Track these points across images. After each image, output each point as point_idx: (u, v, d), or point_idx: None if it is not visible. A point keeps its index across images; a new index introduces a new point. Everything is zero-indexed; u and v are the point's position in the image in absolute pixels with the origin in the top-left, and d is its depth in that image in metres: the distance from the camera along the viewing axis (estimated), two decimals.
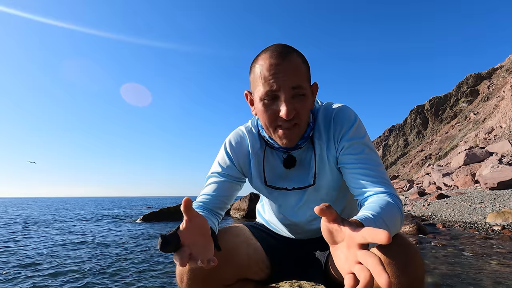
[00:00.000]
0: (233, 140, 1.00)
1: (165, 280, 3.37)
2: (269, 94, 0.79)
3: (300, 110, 0.81)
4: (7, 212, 19.95)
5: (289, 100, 0.79)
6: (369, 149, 0.88)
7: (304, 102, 0.81)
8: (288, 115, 0.78)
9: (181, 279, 0.80)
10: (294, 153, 0.94)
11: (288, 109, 0.78)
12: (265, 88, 0.79)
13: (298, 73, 0.79)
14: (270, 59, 0.79)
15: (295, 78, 0.79)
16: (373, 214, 0.67)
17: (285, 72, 0.78)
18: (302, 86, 0.80)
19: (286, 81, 0.78)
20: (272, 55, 0.79)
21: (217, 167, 0.98)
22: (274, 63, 0.78)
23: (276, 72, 0.78)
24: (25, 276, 3.70)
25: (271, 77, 0.78)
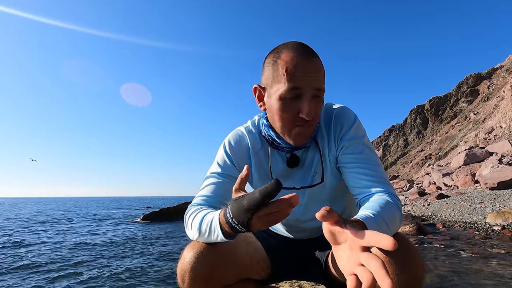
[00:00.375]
0: (233, 140, 0.99)
1: (166, 280, 3.37)
2: (292, 92, 0.78)
3: (318, 112, 0.82)
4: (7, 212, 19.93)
5: (311, 101, 0.79)
6: (369, 149, 0.89)
7: (320, 105, 0.83)
8: (310, 115, 0.78)
9: (183, 278, 0.79)
10: (297, 153, 0.95)
11: (310, 110, 0.78)
12: (290, 85, 0.77)
13: (321, 76, 0.80)
14: (298, 57, 0.78)
15: (319, 80, 0.79)
16: (373, 213, 0.68)
17: (312, 73, 0.78)
18: (322, 89, 0.81)
19: (312, 81, 0.78)
20: (299, 53, 0.78)
21: (216, 168, 0.96)
22: (302, 61, 0.77)
23: (304, 71, 0.77)
24: (25, 276, 3.70)
25: (299, 75, 0.77)
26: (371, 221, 0.65)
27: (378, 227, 0.65)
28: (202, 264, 0.78)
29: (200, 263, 0.78)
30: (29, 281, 3.47)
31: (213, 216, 0.74)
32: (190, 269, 0.78)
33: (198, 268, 0.78)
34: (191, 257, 0.79)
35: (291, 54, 0.78)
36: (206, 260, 0.79)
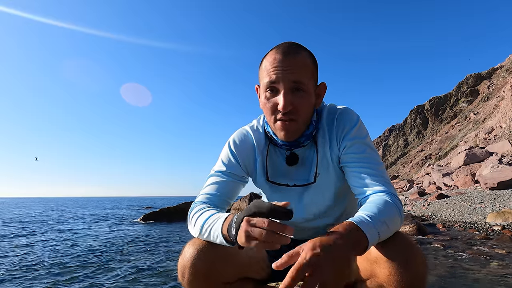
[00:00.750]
0: (237, 138, 1.00)
1: (166, 278, 3.37)
2: (269, 86, 0.84)
3: (298, 105, 0.83)
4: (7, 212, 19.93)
5: (287, 94, 0.82)
6: (370, 149, 0.90)
7: (303, 98, 0.84)
8: (285, 107, 0.81)
9: (183, 274, 0.80)
10: (297, 151, 0.95)
11: (285, 101, 0.81)
12: (266, 80, 0.83)
13: (300, 69, 0.83)
14: (275, 54, 0.84)
15: (297, 73, 0.82)
16: (370, 215, 0.69)
17: (286, 67, 0.81)
18: (302, 82, 0.83)
19: (286, 75, 0.81)
20: (278, 50, 0.84)
21: (221, 166, 0.97)
22: (277, 57, 0.83)
23: (278, 65, 0.82)
24: (25, 277, 3.70)
25: (273, 69, 0.82)
26: (365, 220, 0.66)
27: (375, 229, 0.66)
28: (202, 260, 0.79)
29: (200, 260, 0.79)
30: (28, 281, 3.47)
31: (216, 218, 0.77)
32: (190, 265, 0.79)
33: (198, 264, 0.79)
34: (192, 253, 0.80)
35: (272, 52, 0.85)
36: (206, 257, 0.79)
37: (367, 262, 0.76)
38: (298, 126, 0.87)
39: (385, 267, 0.70)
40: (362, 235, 0.64)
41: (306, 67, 0.84)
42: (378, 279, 0.73)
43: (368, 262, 0.75)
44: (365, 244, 0.64)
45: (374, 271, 0.73)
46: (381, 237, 0.68)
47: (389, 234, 0.71)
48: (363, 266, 0.78)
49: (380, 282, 0.72)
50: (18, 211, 21.57)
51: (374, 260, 0.73)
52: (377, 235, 0.66)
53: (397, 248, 0.70)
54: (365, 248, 0.64)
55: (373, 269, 0.74)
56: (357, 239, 0.63)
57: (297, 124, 0.86)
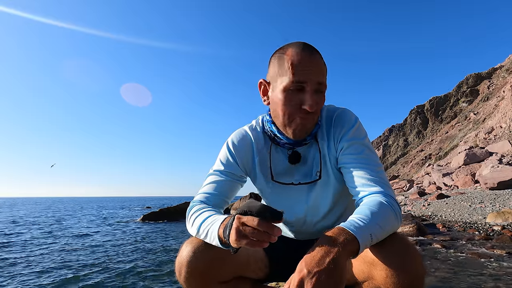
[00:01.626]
0: (236, 139, 1.00)
1: (165, 277, 3.37)
2: (296, 84, 0.82)
3: (319, 106, 0.86)
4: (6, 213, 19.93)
5: (314, 94, 0.83)
6: (369, 150, 0.89)
7: (322, 100, 0.87)
8: (312, 107, 0.82)
9: (180, 272, 0.81)
10: (299, 150, 0.96)
11: (313, 102, 0.82)
12: (294, 78, 0.82)
13: (322, 71, 0.85)
14: (302, 52, 0.83)
15: (321, 75, 0.84)
16: (361, 218, 0.69)
17: (314, 67, 0.83)
18: (324, 84, 0.86)
19: (314, 75, 0.83)
20: (304, 49, 0.84)
21: (219, 166, 0.98)
22: (306, 56, 0.83)
23: (307, 65, 0.82)
24: (23, 276, 3.70)
25: (302, 68, 0.82)
26: (358, 227, 0.66)
27: (367, 231, 0.66)
28: (199, 259, 0.80)
29: (197, 258, 0.80)
30: (28, 281, 3.47)
31: (214, 220, 0.78)
32: (187, 263, 0.80)
33: (194, 262, 0.80)
34: (189, 252, 0.81)
35: (296, 50, 0.84)
36: (203, 256, 0.80)
37: (364, 264, 0.75)
38: (313, 124, 0.90)
39: (382, 269, 0.69)
40: (352, 238, 0.63)
41: (324, 68, 0.87)
42: (375, 281, 0.72)
43: (365, 264, 0.75)
44: (355, 247, 0.64)
45: (371, 273, 0.73)
46: (373, 239, 0.67)
47: (384, 235, 0.71)
48: (359, 268, 0.78)
49: (377, 284, 0.72)
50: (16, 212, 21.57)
51: (371, 262, 0.72)
52: (369, 237, 0.66)
53: (394, 250, 0.70)
54: (356, 251, 0.64)
55: (370, 271, 0.73)
56: (347, 243, 0.62)
57: (313, 122, 0.89)
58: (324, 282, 0.57)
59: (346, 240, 0.63)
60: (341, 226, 0.66)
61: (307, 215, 1.00)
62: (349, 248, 0.62)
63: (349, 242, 0.63)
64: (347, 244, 0.62)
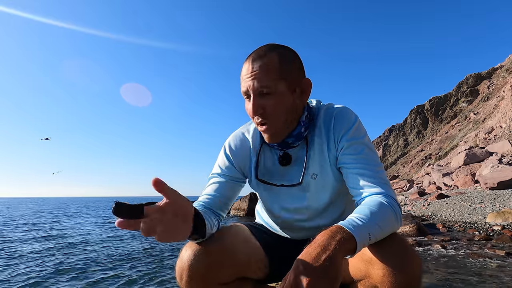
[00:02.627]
0: (232, 142, 1.02)
1: (165, 279, 3.37)
2: (244, 95, 0.88)
3: (268, 108, 0.85)
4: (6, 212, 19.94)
5: (255, 99, 0.85)
6: (369, 149, 0.89)
7: (272, 101, 0.85)
8: (253, 112, 0.85)
9: (181, 276, 0.81)
10: (290, 151, 0.96)
11: (252, 107, 0.85)
12: (242, 89, 0.88)
13: (265, 74, 0.84)
14: (245, 62, 0.87)
15: (260, 78, 0.84)
16: (360, 218, 0.69)
17: (253, 75, 0.84)
18: (268, 86, 0.84)
19: (252, 82, 0.84)
20: (247, 59, 0.87)
21: (217, 169, 1.01)
22: (246, 66, 0.86)
23: (245, 74, 0.86)
24: (23, 277, 3.70)
25: (243, 79, 0.86)
26: (356, 226, 0.66)
27: (365, 230, 0.66)
28: (199, 262, 0.79)
29: (198, 262, 0.79)
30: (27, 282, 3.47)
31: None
32: (188, 267, 0.80)
33: (195, 266, 0.79)
34: (189, 256, 0.80)
35: (245, 61, 0.88)
36: (203, 259, 0.80)
37: (362, 263, 0.75)
38: (274, 129, 0.88)
39: (379, 268, 0.69)
40: (349, 236, 0.63)
41: (271, 70, 0.84)
42: (372, 280, 0.72)
43: (362, 262, 0.75)
44: (353, 245, 0.63)
45: (368, 272, 0.73)
46: (372, 239, 0.67)
47: (383, 235, 0.71)
48: (357, 267, 0.78)
49: (374, 283, 0.72)
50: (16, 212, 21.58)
51: (369, 261, 0.72)
52: (367, 236, 0.66)
53: (392, 249, 0.70)
54: (354, 249, 0.64)
55: (367, 270, 0.73)
56: (344, 241, 0.62)
57: (271, 126, 0.88)
58: (319, 279, 0.57)
59: (343, 238, 0.63)
60: (339, 224, 0.67)
61: (303, 214, 1.00)
62: (346, 247, 0.62)
63: (346, 240, 0.63)
64: (344, 242, 0.62)
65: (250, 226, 1.09)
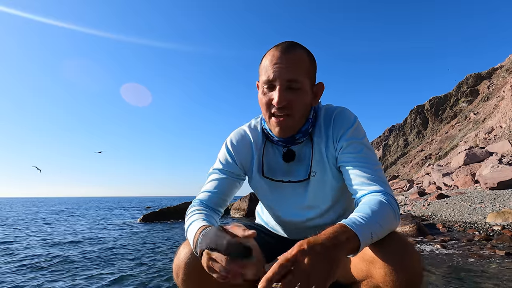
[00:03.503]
0: (234, 138, 1.03)
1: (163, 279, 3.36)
2: (266, 83, 0.87)
3: (293, 102, 0.86)
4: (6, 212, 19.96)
5: (282, 90, 0.85)
6: (367, 149, 0.90)
7: (298, 95, 0.86)
8: (279, 102, 0.85)
9: (177, 274, 0.82)
10: (294, 148, 0.96)
11: (279, 97, 0.85)
12: (264, 77, 0.87)
13: (297, 67, 0.85)
14: (274, 52, 0.87)
15: (293, 71, 0.85)
16: (362, 216, 0.69)
17: (283, 64, 0.85)
18: (298, 80, 0.85)
19: (282, 72, 0.84)
20: (277, 48, 0.87)
21: (218, 165, 1.01)
22: (276, 55, 0.86)
23: (275, 63, 0.85)
24: (23, 277, 3.70)
25: (271, 67, 0.86)
26: (358, 225, 0.66)
27: (367, 229, 0.66)
28: (196, 260, 0.79)
29: (194, 260, 0.79)
30: (26, 281, 3.47)
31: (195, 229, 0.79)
32: (184, 265, 0.80)
33: (192, 264, 0.80)
34: (186, 254, 0.81)
35: (271, 50, 0.88)
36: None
37: (363, 263, 0.75)
38: (293, 122, 0.89)
39: (381, 267, 0.70)
40: (352, 235, 0.64)
41: (302, 65, 0.86)
42: (374, 279, 0.72)
43: (364, 262, 0.75)
44: (356, 244, 0.64)
45: (370, 271, 0.73)
46: (374, 238, 0.68)
47: (384, 234, 0.71)
48: (358, 267, 0.78)
49: (376, 282, 0.72)
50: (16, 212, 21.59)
51: (370, 260, 0.73)
52: (370, 235, 0.66)
53: (393, 248, 0.70)
54: (357, 248, 0.64)
55: (369, 270, 0.74)
56: (347, 240, 0.63)
57: (291, 120, 0.88)
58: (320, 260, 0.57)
59: (347, 238, 0.63)
60: (342, 223, 0.67)
61: (304, 213, 1.00)
62: (349, 246, 0.63)
63: (349, 240, 0.63)
64: (348, 242, 0.63)
65: (249, 226, 1.09)
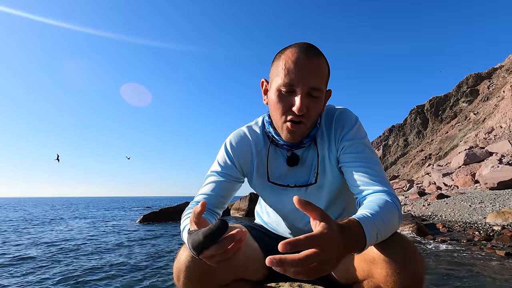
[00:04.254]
0: (234, 140, 1.00)
1: (163, 280, 3.36)
2: (287, 86, 0.81)
3: (311, 110, 0.83)
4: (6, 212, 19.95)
5: (304, 97, 0.81)
6: (369, 150, 0.90)
7: (316, 104, 0.84)
8: (301, 110, 0.80)
9: (178, 277, 0.81)
10: (298, 152, 0.95)
11: (301, 104, 0.80)
12: (286, 79, 0.81)
13: (319, 75, 0.82)
14: (298, 53, 0.81)
15: (316, 79, 0.81)
16: (371, 213, 0.68)
17: (308, 70, 0.80)
18: (319, 89, 0.82)
19: (307, 79, 0.80)
20: (302, 50, 0.82)
21: (216, 167, 0.99)
22: (301, 58, 0.80)
23: (300, 67, 0.80)
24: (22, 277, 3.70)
25: (295, 70, 0.80)
26: (367, 220, 0.64)
27: (375, 226, 0.65)
28: (197, 263, 0.79)
29: (195, 263, 0.79)
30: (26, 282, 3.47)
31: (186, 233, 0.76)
32: (185, 268, 0.79)
33: (192, 267, 0.79)
34: (186, 257, 0.80)
35: (294, 50, 0.82)
36: (201, 260, 0.78)
37: (365, 263, 0.75)
38: (306, 129, 0.87)
39: (382, 267, 0.69)
40: (361, 233, 0.62)
41: (323, 73, 0.83)
42: (375, 279, 0.72)
43: (365, 262, 0.75)
44: (362, 244, 0.63)
45: (372, 271, 0.73)
46: (379, 238, 0.67)
47: (388, 234, 0.70)
48: (360, 267, 0.77)
49: (377, 283, 0.71)
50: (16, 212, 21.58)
51: (372, 260, 0.72)
52: (376, 235, 0.65)
53: (395, 248, 0.70)
54: (362, 248, 0.63)
55: (370, 270, 0.73)
56: (357, 238, 0.61)
57: (305, 127, 0.86)
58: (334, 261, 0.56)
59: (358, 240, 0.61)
60: (357, 221, 0.64)
61: (305, 216, 1.00)
62: (357, 244, 0.61)
63: (359, 241, 0.62)
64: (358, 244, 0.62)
65: (249, 227, 1.08)
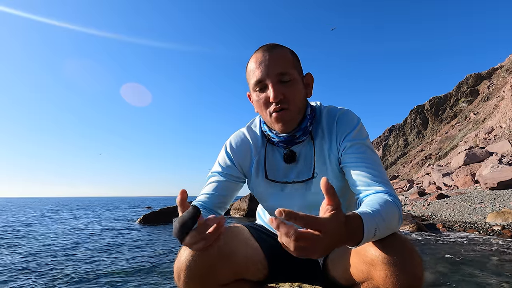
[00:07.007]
0: (234, 141, 1.03)
1: (164, 279, 3.37)
2: (258, 84, 0.88)
3: (288, 95, 0.87)
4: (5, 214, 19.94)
5: (275, 85, 0.86)
6: (371, 150, 0.90)
7: (292, 87, 0.88)
8: (276, 97, 0.85)
9: (178, 276, 0.81)
10: (295, 148, 0.96)
11: (274, 92, 0.85)
12: (254, 79, 0.88)
13: (283, 62, 0.87)
14: (258, 53, 0.90)
15: (279, 65, 0.87)
16: (372, 210, 0.68)
17: (270, 61, 0.87)
18: (288, 73, 0.87)
19: (271, 69, 0.86)
20: (258, 50, 0.90)
21: (217, 167, 1.01)
22: (261, 55, 0.88)
23: (262, 62, 0.87)
24: (22, 277, 3.70)
25: (258, 68, 0.87)
26: (368, 215, 0.65)
27: (374, 222, 0.65)
28: (197, 263, 0.79)
29: (196, 262, 0.79)
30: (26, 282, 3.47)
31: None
32: (186, 267, 0.80)
33: (193, 267, 0.79)
34: (187, 256, 0.80)
35: (254, 53, 0.91)
36: (201, 260, 0.79)
37: (363, 265, 0.75)
38: (292, 114, 0.89)
39: (381, 269, 0.69)
40: (360, 227, 0.63)
41: (286, 59, 0.88)
42: (374, 281, 0.72)
43: (364, 264, 0.75)
44: (359, 238, 0.63)
45: (370, 273, 0.73)
46: (377, 234, 0.67)
47: (387, 232, 0.71)
48: (359, 269, 0.77)
49: (376, 284, 0.71)
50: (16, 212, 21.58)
51: (370, 262, 0.72)
52: (374, 231, 0.65)
53: (394, 250, 0.70)
54: (358, 242, 0.64)
55: (369, 271, 0.73)
56: (355, 231, 0.62)
57: (290, 112, 0.88)
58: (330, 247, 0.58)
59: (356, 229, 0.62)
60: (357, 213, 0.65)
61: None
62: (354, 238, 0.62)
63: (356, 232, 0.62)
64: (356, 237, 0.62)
65: (250, 227, 1.08)
